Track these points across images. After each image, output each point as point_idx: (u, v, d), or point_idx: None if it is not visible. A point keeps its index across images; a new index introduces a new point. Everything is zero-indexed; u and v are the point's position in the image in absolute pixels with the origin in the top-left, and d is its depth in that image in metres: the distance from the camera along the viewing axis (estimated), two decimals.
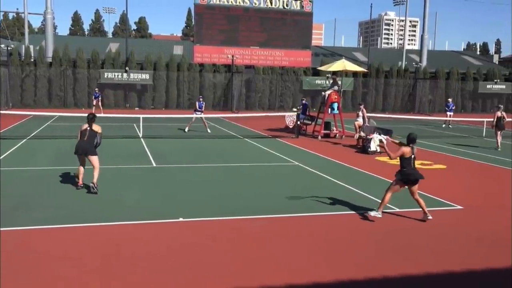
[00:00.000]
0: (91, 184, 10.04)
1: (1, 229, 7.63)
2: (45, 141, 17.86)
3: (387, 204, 8.85)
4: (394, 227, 8.39)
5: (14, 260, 6.45)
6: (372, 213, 8.44)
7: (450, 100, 30.40)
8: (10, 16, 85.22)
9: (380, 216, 8.45)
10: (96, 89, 32.02)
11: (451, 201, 10.25)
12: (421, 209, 8.72)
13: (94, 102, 30.40)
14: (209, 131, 21.93)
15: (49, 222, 8.15)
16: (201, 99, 22.72)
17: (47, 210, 8.85)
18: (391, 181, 8.88)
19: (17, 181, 11.16)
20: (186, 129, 22.16)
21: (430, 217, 8.61)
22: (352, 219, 8.74)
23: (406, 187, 8.60)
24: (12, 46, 36.92)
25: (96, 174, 10.15)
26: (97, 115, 11.58)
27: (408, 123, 30.11)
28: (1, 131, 20.21)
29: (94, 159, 10.28)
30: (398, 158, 8.58)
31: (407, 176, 8.45)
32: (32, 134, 19.53)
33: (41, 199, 9.60)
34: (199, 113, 22.01)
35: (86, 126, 10.41)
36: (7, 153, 14.92)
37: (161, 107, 37.19)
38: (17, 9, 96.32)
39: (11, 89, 33.96)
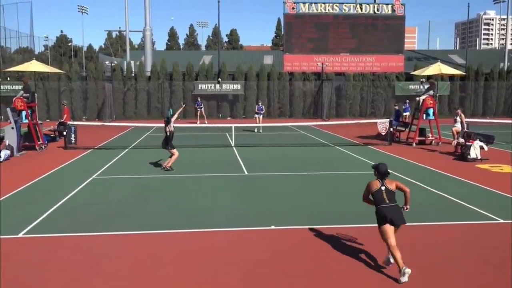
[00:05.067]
0: (163, 166, 14.42)
1: (102, 233, 8.27)
2: (145, 150, 18.92)
3: (482, 211, 8.26)
4: (478, 236, 7.87)
5: (113, 261, 6.93)
6: (405, 278, 6.13)
7: None
8: (114, 34, 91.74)
9: (405, 279, 6.16)
10: (199, 98, 33.88)
11: None
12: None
13: (198, 113, 32.53)
14: (255, 131, 25.94)
15: (145, 227, 8.62)
16: (260, 103, 28.64)
17: (144, 217, 9.38)
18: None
19: (119, 189, 11.94)
20: (256, 130, 26.28)
21: (389, 266, 6.65)
22: (454, 230, 8.31)
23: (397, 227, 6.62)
24: (115, 62, 39.66)
25: (171, 159, 14.36)
26: (202, 125, 13.78)
27: None
28: (107, 142, 21.82)
29: (171, 152, 14.44)
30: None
31: (380, 215, 6.59)
32: (134, 144, 20.79)
33: (139, 206, 10.19)
34: (259, 114, 27.18)
35: None
36: (111, 162, 16.02)
37: (252, 116, 37.84)
38: (119, 28, 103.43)
39: (114, 103, 36.49)
